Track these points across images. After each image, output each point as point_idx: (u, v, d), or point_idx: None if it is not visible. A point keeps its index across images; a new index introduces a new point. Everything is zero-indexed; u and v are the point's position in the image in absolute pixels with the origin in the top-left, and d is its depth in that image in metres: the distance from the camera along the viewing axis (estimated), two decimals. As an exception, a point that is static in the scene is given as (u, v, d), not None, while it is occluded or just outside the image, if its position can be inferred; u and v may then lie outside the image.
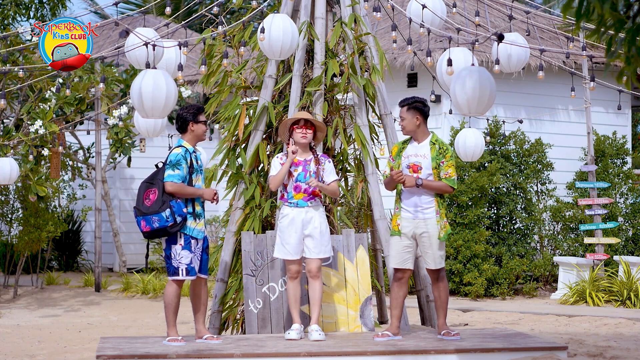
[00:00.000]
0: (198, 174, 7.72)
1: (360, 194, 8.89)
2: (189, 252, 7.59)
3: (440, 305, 7.82)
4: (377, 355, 7.30)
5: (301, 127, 7.86)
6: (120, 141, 14.46)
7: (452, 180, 7.67)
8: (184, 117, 7.67)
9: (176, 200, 7.53)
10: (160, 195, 7.54)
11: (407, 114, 7.73)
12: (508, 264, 13.95)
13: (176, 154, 7.62)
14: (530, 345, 7.54)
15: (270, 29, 7.86)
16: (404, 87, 15.61)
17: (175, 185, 7.54)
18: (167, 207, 7.48)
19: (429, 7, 8.65)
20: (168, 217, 7.48)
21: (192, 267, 7.60)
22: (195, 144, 7.77)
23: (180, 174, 7.57)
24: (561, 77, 15.41)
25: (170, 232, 7.50)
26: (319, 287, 7.80)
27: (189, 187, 7.62)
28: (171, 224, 7.49)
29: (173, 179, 7.55)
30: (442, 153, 7.68)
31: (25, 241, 14.70)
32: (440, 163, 7.65)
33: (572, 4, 4.50)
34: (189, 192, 7.61)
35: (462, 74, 7.01)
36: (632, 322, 11.24)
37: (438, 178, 7.66)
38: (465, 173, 14.29)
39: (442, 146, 7.71)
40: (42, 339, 10.73)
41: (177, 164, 7.58)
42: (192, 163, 7.67)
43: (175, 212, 7.50)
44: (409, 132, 7.78)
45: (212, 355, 7.19)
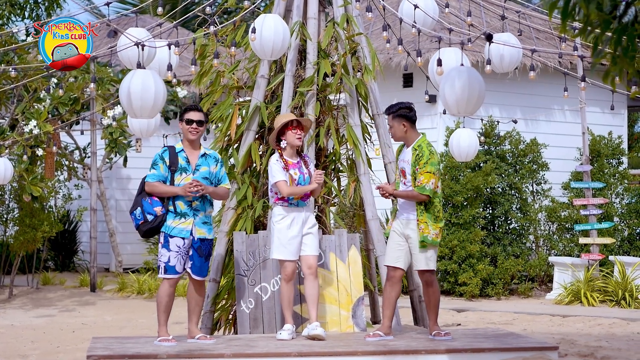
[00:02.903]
0: (185, 172, 7.70)
1: (353, 194, 8.88)
2: (167, 251, 7.63)
3: (431, 308, 7.82)
4: (368, 355, 7.30)
5: (295, 128, 7.86)
6: (115, 141, 14.45)
7: (422, 187, 7.58)
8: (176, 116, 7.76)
9: (146, 199, 7.62)
10: (136, 196, 7.72)
11: (393, 122, 7.78)
12: (503, 264, 13.96)
13: (156, 154, 7.76)
14: (521, 345, 7.55)
15: (262, 29, 7.86)
16: (399, 88, 15.61)
17: (149, 184, 7.68)
18: (138, 206, 7.64)
19: (420, 7, 8.64)
20: (139, 216, 7.63)
21: (170, 266, 7.61)
22: (189, 142, 7.76)
23: (156, 174, 7.66)
24: (557, 77, 15.40)
25: (143, 229, 7.64)
26: (317, 284, 7.83)
27: (162, 185, 7.65)
28: (142, 222, 7.63)
29: (148, 179, 7.70)
30: (417, 160, 7.63)
31: (20, 241, 14.70)
32: (415, 170, 7.64)
33: (558, 4, 4.51)
34: (161, 190, 7.66)
35: (451, 74, 7.01)
36: (626, 322, 11.24)
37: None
38: (461, 173, 14.30)
39: (420, 152, 7.64)
40: (36, 339, 10.73)
41: (154, 163, 7.71)
42: (176, 161, 7.68)
43: (145, 210, 7.61)
44: (398, 139, 7.83)
45: (202, 355, 7.19)
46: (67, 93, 13.48)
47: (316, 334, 7.64)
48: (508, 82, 15.57)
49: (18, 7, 14.02)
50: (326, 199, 8.91)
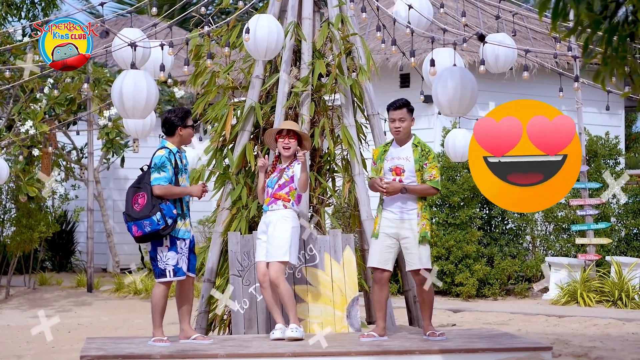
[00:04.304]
0: (183, 173, 7.73)
1: (348, 195, 8.88)
2: (175, 253, 7.58)
3: (425, 309, 7.82)
4: (361, 355, 7.31)
5: (284, 137, 7.88)
6: (112, 141, 14.45)
7: (436, 182, 7.69)
8: (172, 121, 7.68)
9: (165, 203, 7.53)
10: (150, 199, 7.51)
11: (406, 116, 7.76)
12: (500, 265, 13.95)
13: (160, 156, 7.61)
14: (515, 345, 7.55)
15: (256, 30, 7.86)
16: (396, 88, 15.61)
17: (162, 187, 7.54)
18: (158, 211, 7.46)
19: (415, 8, 8.64)
20: (159, 221, 7.46)
21: (179, 268, 7.60)
22: (180, 146, 7.77)
23: (167, 176, 7.57)
24: (553, 78, 15.38)
25: (162, 234, 7.50)
26: (283, 291, 7.71)
27: (176, 187, 7.62)
28: (163, 227, 7.47)
29: (160, 182, 7.54)
30: (424, 155, 7.69)
31: (17, 241, 14.70)
32: (423, 165, 7.66)
33: (549, 4, 4.50)
34: (177, 192, 7.61)
35: (443, 75, 7.01)
36: (622, 322, 11.24)
37: (421, 180, 7.67)
38: (457, 173, 14.30)
39: (424, 148, 7.72)
40: (31, 339, 10.73)
41: (162, 166, 7.57)
42: (177, 163, 7.68)
43: (166, 215, 7.49)
44: (405, 134, 7.78)
45: (196, 356, 7.20)
46: (64, 93, 13.47)
47: (290, 336, 7.65)
48: (505, 82, 15.56)
49: (14, 8, 14.01)
50: (321, 200, 8.91)
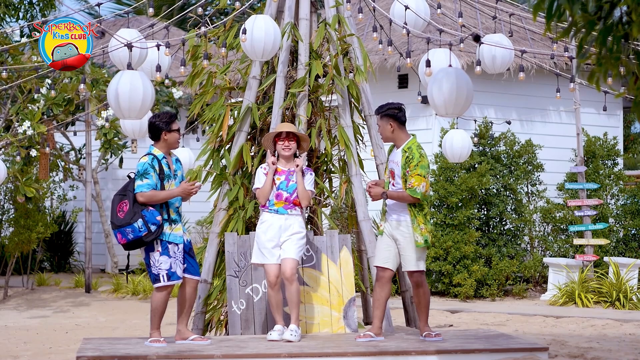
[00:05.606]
0: (171, 179, 7.68)
1: (344, 195, 8.88)
2: (167, 258, 7.58)
3: (422, 309, 7.81)
4: (358, 356, 7.31)
5: (283, 139, 7.88)
6: (109, 142, 14.45)
7: (413, 190, 7.53)
8: (156, 126, 7.66)
9: (148, 209, 7.51)
10: (132, 206, 7.51)
11: (380, 122, 7.76)
12: (498, 265, 13.96)
13: (142, 163, 7.59)
14: (511, 346, 7.55)
15: (252, 30, 7.86)
16: (394, 89, 15.61)
17: (145, 194, 7.52)
18: (139, 217, 7.46)
19: (411, 9, 8.65)
20: (141, 227, 7.45)
21: (173, 272, 7.59)
22: (167, 151, 7.74)
23: (150, 183, 7.54)
24: (551, 78, 15.35)
25: (146, 241, 7.50)
26: (294, 289, 7.75)
27: (161, 192, 7.57)
28: (145, 234, 7.47)
29: (142, 189, 7.52)
30: (408, 162, 7.58)
31: (15, 242, 14.70)
32: (406, 172, 7.60)
33: (543, 5, 4.51)
34: (162, 196, 7.57)
35: (438, 76, 7.01)
36: (619, 323, 11.24)
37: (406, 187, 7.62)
38: (455, 174, 14.30)
39: (410, 154, 7.59)
40: (29, 339, 10.73)
41: (145, 173, 7.55)
42: (162, 169, 7.64)
43: (148, 221, 7.47)
44: (386, 140, 7.81)
45: (192, 356, 7.19)
46: (61, 94, 13.46)
47: (286, 338, 7.64)
48: (503, 83, 15.56)
49: (12, 8, 14.00)
50: (318, 200, 8.91)
